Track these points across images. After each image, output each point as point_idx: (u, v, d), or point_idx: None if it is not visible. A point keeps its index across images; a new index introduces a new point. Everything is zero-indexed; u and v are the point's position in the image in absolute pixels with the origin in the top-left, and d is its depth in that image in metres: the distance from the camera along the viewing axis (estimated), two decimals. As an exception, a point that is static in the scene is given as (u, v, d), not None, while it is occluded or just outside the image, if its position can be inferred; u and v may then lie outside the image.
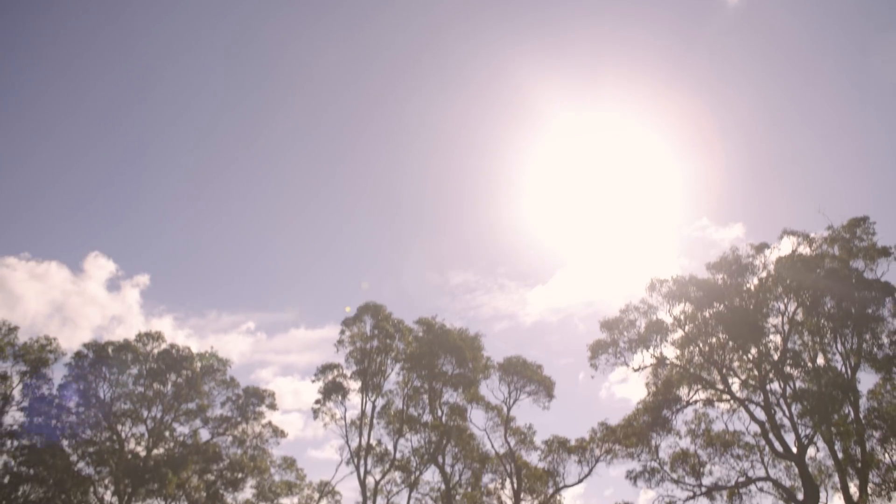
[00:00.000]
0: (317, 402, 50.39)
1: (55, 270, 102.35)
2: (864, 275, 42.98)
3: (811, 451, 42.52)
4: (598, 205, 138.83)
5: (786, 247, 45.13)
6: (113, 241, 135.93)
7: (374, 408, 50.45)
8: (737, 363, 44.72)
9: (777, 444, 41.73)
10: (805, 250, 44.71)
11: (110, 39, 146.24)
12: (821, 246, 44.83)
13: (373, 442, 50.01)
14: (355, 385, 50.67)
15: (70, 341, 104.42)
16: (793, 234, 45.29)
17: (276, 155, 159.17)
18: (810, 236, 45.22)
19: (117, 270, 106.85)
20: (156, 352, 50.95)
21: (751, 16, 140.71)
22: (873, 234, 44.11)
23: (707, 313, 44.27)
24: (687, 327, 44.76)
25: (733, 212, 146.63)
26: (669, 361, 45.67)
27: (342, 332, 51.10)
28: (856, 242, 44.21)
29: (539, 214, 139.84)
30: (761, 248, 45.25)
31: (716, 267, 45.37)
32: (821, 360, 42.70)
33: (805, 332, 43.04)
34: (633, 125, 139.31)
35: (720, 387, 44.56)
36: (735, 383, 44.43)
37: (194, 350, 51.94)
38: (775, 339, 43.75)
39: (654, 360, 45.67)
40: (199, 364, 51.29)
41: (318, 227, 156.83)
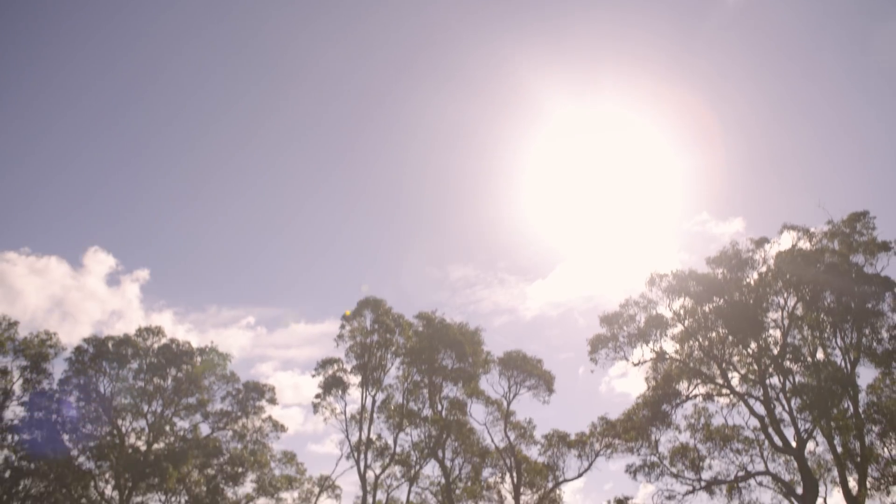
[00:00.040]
0: (317, 397, 50.53)
1: (55, 265, 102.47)
2: (864, 269, 42.92)
3: (810, 446, 42.62)
4: (598, 199, 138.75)
5: (786, 241, 45.16)
6: (113, 236, 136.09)
7: (374, 402, 50.59)
8: (736, 358, 44.72)
9: (776, 439, 41.80)
10: (805, 245, 44.67)
11: (108, 36, 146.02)
12: (821, 240, 44.78)
13: (373, 436, 50.18)
14: (355, 379, 50.76)
15: (70, 336, 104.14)
16: (793, 228, 45.23)
17: (276, 150, 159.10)
18: (810, 231, 45.17)
19: (117, 265, 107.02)
20: (156, 346, 50.99)
21: (750, 10, 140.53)
22: (873, 228, 44.08)
23: (707, 308, 44.27)
24: (686, 322, 44.76)
25: (733, 206, 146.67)
26: (669, 356, 45.67)
27: (342, 327, 51.17)
28: (856, 237, 44.14)
29: (539, 209, 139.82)
30: (761, 242, 45.24)
31: (715, 261, 45.36)
32: (820, 355, 42.67)
33: (805, 327, 43.01)
34: (632, 120, 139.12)
35: (720, 381, 44.62)
36: (735, 378, 44.49)
37: (194, 345, 52.04)
38: (775, 333, 43.80)
39: (654, 355, 45.68)
40: (199, 359, 51.34)
41: (319, 222, 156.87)
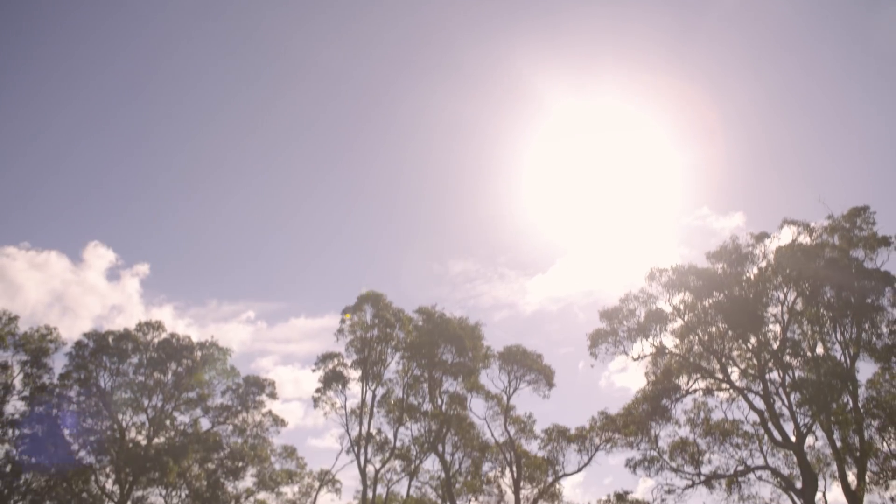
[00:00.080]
0: (317, 391, 50.52)
1: (55, 260, 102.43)
2: (864, 264, 42.94)
3: (810, 440, 42.74)
4: (598, 194, 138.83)
5: (786, 236, 45.11)
6: (112, 231, 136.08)
7: (374, 397, 50.61)
8: (736, 352, 44.76)
9: (776, 433, 41.89)
10: (805, 240, 44.63)
11: (107, 32, 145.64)
12: (821, 235, 44.75)
13: (373, 431, 50.24)
14: (355, 374, 50.74)
15: (70, 331, 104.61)
16: (793, 223, 45.19)
17: (277, 145, 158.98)
18: (810, 226, 45.17)
19: (117, 260, 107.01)
20: (156, 341, 51.00)
21: (750, 4, 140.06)
22: (873, 223, 44.03)
23: (706, 303, 44.30)
24: (686, 316, 44.80)
25: (733, 201, 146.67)
26: (669, 351, 45.74)
27: (342, 322, 51.06)
28: (856, 232, 44.11)
29: (539, 204, 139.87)
30: (761, 237, 45.21)
31: (715, 256, 45.34)
32: (820, 350, 42.76)
33: (804, 322, 43.06)
34: (632, 114, 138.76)
35: (719, 376, 44.67)
36: (734, 372, 44.56)
37: (194, 339, 52.01)
38: (775, 328, 43.84)
39: (654, 350, 45.75)
40: (199, 353, 51.37)
41: (319, 217, 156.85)
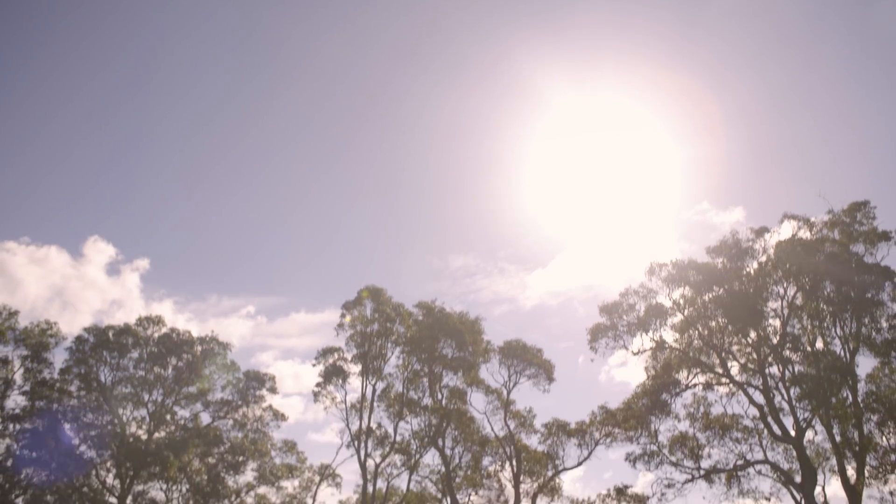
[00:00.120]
0: (317, 386, 50.57)
1: (55, 255, 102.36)
2: (864, 259, 42.95)
3: (809, 435, 42.79)
4: (599, 188, 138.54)
5: (786, 231, 45.14)
6: (113, 226, 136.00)
7: (374, 391, 50.66)
8: (736, 347, 44.81)
9: (775, 428, 41.95)
10: (805, 234, 44.65)
11: (108, 28, 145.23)
12: (821, 230, 44.76)
13: (373, 425, 50.30)
14: (356, 368, 50.78)
15: (70, 325, 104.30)
16: (793, 218, 45.22)
17: (277, 141, 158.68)
18: (811, 220, 45.16)
19: (117, 255, 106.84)
20: (156, 336, 51.03)
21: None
22: (874, 218, 44.08)
23: (706, 297, 44.29)
24: (686, 311, 44.80)
25: (733, 195, 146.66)
26: (669, 345, 45.75)
27: (342, 316, 51.06)
28: (856, 227, 44.12)
29: (539, 198, 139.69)
30: (761, 231, 45.20)
31: (715, 251, 45.33)
32: (820, 344, 42.82)
33: (804, 316, 43.09)
34: (633, 109, 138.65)
35: (719, 370, 44.72)
36: (734, 367, 44.63)
37: (195, 334, 52.05)
38: (774, 323, 43.88)
39: (654, 344, 45.76)
40: (199, 348, 51.40)
41: (319, 212, 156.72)
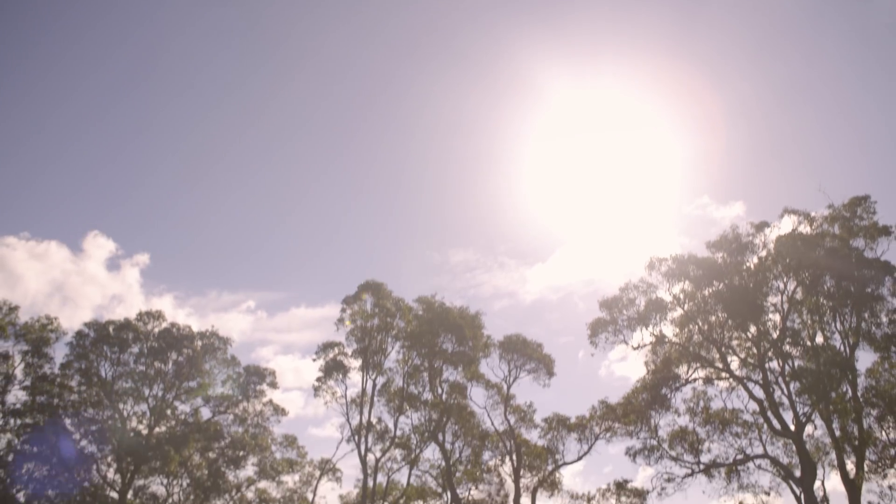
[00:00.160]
0: (317, 381, 50.59)
1: (55, 250, 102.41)
2: (865, 254, 42.89)
3: (809, 429, 42.79)
4: (599, 183, 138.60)
5: (786, 225, 45.04)
6: (113, 221, 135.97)
7: (374, 386, 50.68)
8: (736, 342, 44.78)
9: (775, 422, 41.97)
10: (805, 229, 44.56)
11: (109, 22, 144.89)
12: (821, 225, 44.67)
13: (373, 420, 50.39)
14: (356, 363, 50.80)
15: (70, 320, 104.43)
16: (793, 212, 45.11)
17: (278, 135, 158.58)
18: (811, 215, 45.08)
19: (117, 250, 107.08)
20: (156, 331, 51.09)
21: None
22: (874, 213, 43.96)
23: (706, 292, 44.28)
24: (686, 306, 44.80)
25: (734, 190, 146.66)
26: (668, 340, 45.74)
27: (343, 311, 51.08)
28: (856, 221, 44.02)
29: (539, 193, 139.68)
30: (761, 226, 45.13)
31: (715, 245, 45.29)
32: (820, 339, 42.81)
33: (804, 311, 43.07)
34: (633, 104, 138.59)
35: (719, 365, 44.71)
36: (734, 362, 44.62)
37: (195, 329, 52.16)
38: (774, 317, 43.87)
39: (654, 339, 45.75)
40: (199, 343, 51.43)
41: (319, 207, 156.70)
